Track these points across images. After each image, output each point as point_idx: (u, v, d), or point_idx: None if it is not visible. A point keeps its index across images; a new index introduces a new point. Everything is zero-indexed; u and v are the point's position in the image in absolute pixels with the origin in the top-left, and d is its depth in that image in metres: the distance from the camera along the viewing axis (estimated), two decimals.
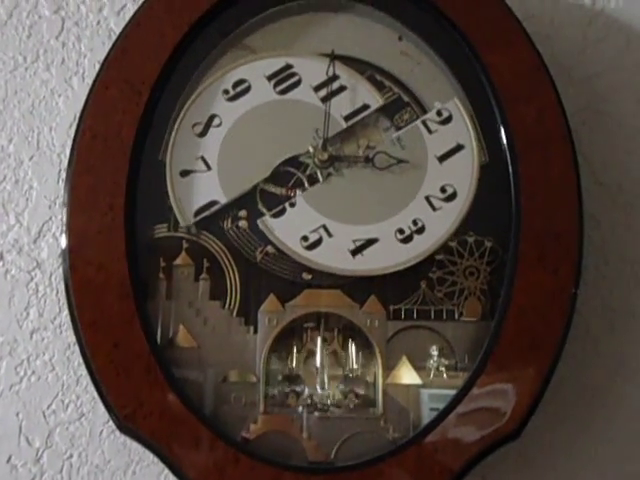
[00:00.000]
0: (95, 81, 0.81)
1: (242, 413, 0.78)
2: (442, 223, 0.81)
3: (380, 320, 0.80)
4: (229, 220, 0.81)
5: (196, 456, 0.75)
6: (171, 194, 0.81)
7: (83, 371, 0.79)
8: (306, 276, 0.81)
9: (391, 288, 0.81)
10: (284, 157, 0.83)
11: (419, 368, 0.80)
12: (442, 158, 0.83)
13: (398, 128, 0.84)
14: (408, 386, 0.79)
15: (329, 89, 0.83)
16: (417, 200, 0.82)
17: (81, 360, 0.77)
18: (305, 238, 0.81)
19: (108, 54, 0.82)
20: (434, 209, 0.82)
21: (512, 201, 0.80)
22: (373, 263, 0.80)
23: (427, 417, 0.78)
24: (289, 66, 0.84)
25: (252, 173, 0.82)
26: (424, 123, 0.84)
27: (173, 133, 0.82)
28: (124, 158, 0.79)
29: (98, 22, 0.92)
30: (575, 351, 0.86)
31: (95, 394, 0.77)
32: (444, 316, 0.81)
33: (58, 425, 0.84)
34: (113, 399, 0.75)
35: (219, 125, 0.82)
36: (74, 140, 0.80)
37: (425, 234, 0.81)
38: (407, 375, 0.79)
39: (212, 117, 0.82)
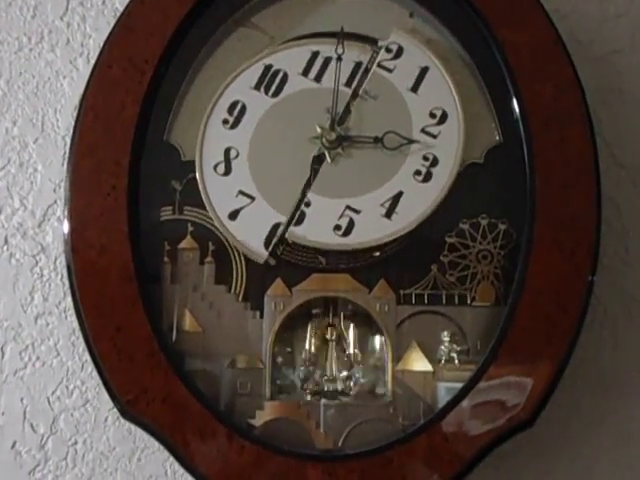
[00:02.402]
0: (98, 60, 0.79)
1: (248, 399, 0.77)
2: (449, 146, 0.80)
3: (390, 305, 0.78)
4: (280, 244, 0.79)
5: (200, 443, 0.73)
6: (233, 241, 0.78)
7: (88, 357, 0.77)
8: (376, 253, 0.79)
9: (401, 272, 0.79)
10: (315, 151, 0.81)
11: (430, 354, 0.77)
12: (414, 88, 0.81)
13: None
14: (419, 372, 0.77)
15: (340, 63, 0.81)
16: (415, 136, 0.80)
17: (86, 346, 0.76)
18: (338, 227, 0.79)
19: (111, 32, 0.80)
20: (434, 137, 0.80)
21: (527, 182, 0.78)
22: (411, 214, 0.78)
23: (438, 405, 0.76)
24: (269, 67, 0.82)
25: (295, 182, 0.80)
26: (380, 65, 0.82)
27: (200, 185, 0.79)
28: (127, 138, 0.77)
29: (103, 2, 0.91)
30: (592, 339, 0.84)
31: (100, 380, 0.75)
32: (456, 301, 0.79)
33: (63, 411, 0.83)
34: (116, 384, 0.74)
35: (237, 156, 0.80)
36: (76, 120, 0.78)
37: (440, 165, 0.80)
38: (417, 361, 0.77)
39: (227, 151, 0.80)
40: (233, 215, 0.79)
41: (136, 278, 0.75)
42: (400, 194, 0.79)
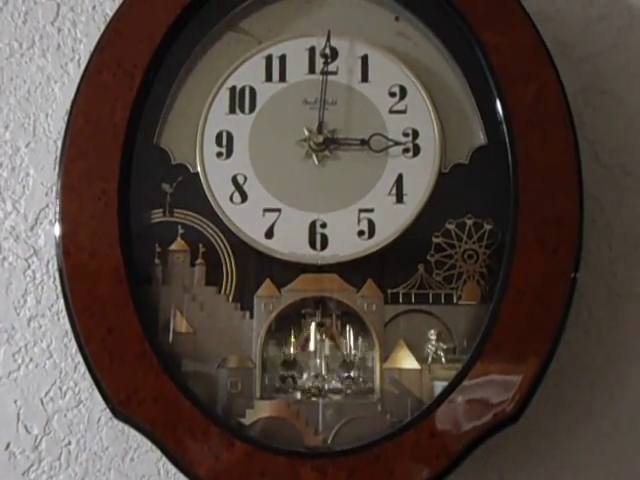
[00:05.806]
0: (88, 65, 0.80)
1: (238, 399, 0.78)
2: (421, 115, 0.82)
3: (377, 304, 0.79)
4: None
5: (192, 442, 0.74)
6: (282, 257, 0.79)
7: (81, 358, 0.78)
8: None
9: (389, 272, 0.80)
10: (303, 154, 0.82)
11: (417, 352, 0.78)
12: (364, 78, 0.83)
13: None
14: (406, 370, 0.78)
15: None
16: (386, 119, 0.82)
17: None
18: (361, 233, 0.80)
19: (101, 37, 0.81)
20: (404, 112, 0.82)
21: (511, 182, 0.79)
22: (419, 190, 0.80)
23: (426, 402, 0.77)
24: (233, 88, 0.83)
25: (308, 176, 0.81)
26: (324, 72, 0.83)
27: (226, 221, 0.80)
28: (117, 142, 0.78)
29: (94, 7, 0.92)
30: (578, 336, 0.85)
31: (92, 381, 0.76)
32: (442, 300, 0.80)
33: (56, 412, 0.84)
34: (107, 385, 0.74)
35: (246, 181, 0.81)
36: (67, 125, 0.79)
37: (421, 136, 0.82)
38: (405, 359, 0.78)
39: (235, 179, 0.81)
40: (269, 234, 0.80)
41: (127, 280, 0.76)
42: (400, 177, 0.80)
